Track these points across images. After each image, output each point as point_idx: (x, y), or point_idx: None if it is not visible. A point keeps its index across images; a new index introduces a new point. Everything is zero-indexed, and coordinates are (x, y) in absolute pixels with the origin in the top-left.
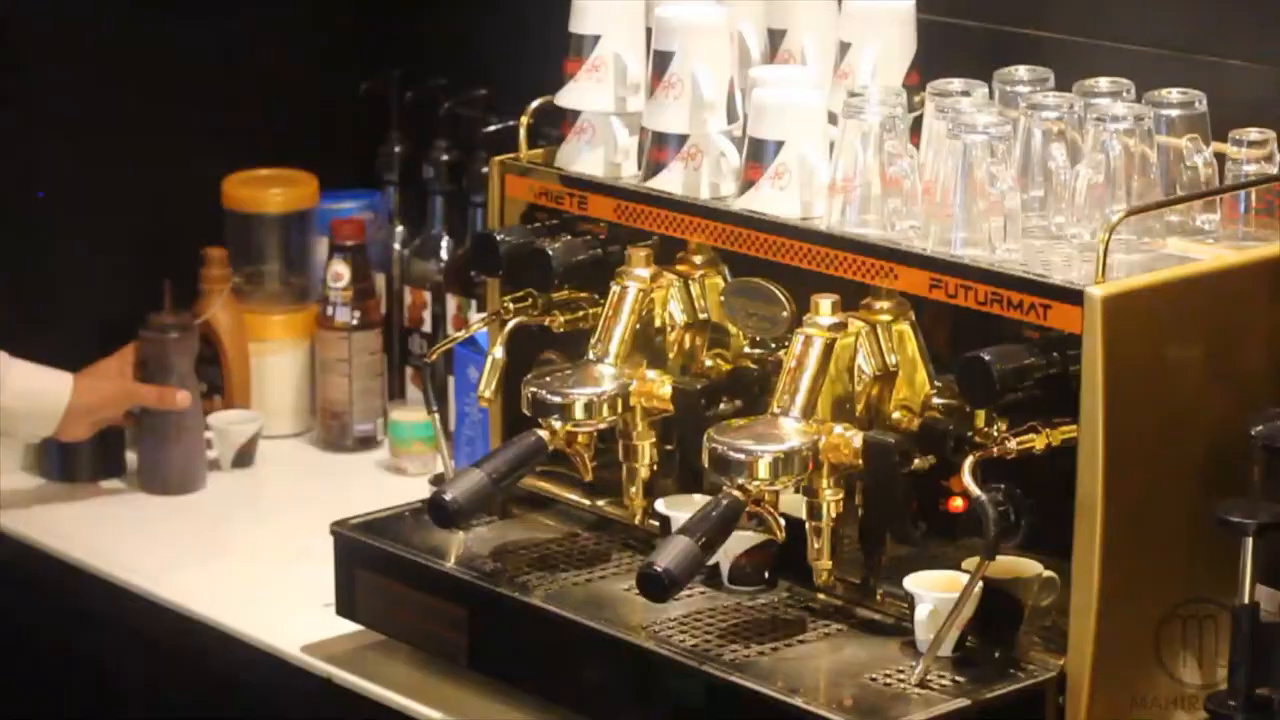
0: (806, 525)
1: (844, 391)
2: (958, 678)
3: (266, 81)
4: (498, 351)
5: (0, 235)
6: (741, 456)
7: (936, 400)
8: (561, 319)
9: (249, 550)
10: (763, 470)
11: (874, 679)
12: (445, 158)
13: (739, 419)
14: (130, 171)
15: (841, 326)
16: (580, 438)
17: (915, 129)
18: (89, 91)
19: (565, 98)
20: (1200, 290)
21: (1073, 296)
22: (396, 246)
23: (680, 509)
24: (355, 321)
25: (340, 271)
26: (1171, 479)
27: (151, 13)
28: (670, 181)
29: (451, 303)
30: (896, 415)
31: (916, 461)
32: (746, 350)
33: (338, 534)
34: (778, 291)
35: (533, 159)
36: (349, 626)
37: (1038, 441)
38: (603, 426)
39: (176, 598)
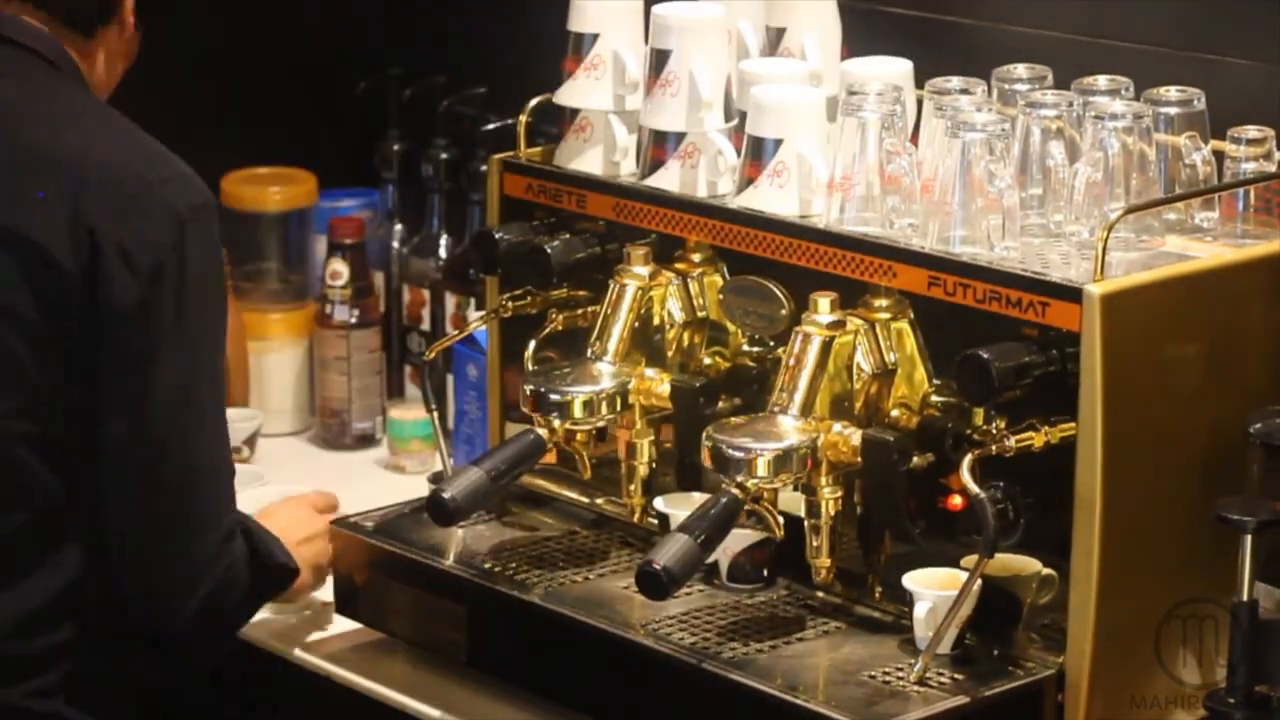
0: (805, 523)
1: (843, 389)
2: (956, 675)
3: (265, 79)
4: None
5: None
6: (740, 454)
7: (935, 398)
8: (560, 317)
9: None
10: (761, 468)
11: (873, 677)
12: (444, 156)
13: (738, 417)
14: None
15: (840, 324)
16: (579, 436)
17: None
18: None
19: (564, 96)
20: (1199, 288)
21: (1071, 294)
22: (395, 244)
23: (679, 507)
24: (354, 320)
25: (339, 270)
26: (1170, 477)
27: (149, 11)
28: (668, 179)
29: (450, 301)
30: (895, 413)
31: (915, 459)
32: (745, 348)
33: (336, 532)
34: (776, 290)
35: (531, 157)
36: (348, 624)
37: (1036, 439)
38: (601, 425)
39: None
